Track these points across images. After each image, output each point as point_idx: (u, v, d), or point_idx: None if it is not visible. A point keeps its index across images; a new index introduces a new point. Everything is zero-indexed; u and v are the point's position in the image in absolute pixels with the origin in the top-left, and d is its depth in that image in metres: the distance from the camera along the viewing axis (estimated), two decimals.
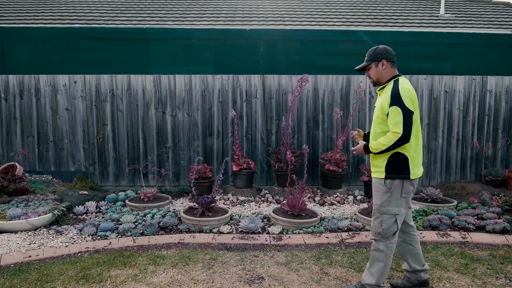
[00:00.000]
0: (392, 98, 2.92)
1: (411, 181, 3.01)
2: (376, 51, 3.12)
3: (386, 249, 3.03)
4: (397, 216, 3.00)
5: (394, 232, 3.02)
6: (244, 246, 4.23)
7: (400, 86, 2.96)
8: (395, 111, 2.89)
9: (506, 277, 3.57)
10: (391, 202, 2.99)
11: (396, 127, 2.88)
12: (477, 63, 6.65)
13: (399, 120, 2.87)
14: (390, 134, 2.91)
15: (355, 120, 6.55)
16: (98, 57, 6.40)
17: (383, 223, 3.00)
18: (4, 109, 6.42)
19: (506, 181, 6.34)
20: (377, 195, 3.05)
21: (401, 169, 2.97)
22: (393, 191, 2.98)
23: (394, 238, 3.05)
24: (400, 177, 2.97)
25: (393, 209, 3.00)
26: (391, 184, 2.98)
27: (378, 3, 8.86)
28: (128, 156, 6.49)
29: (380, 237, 3.04)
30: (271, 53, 6.50)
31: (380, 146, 2.95)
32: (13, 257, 3.89)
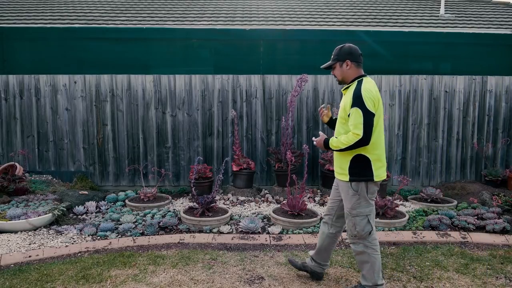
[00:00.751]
0: (354, 99, 2.91)
1: (375, 182, 3.04)
2: (341, 50, 3.14)
3: (366, 248, 3.05)
4: (368, 216, 3.04)
5: (369, 232, 3.03)
6: (244, 246, 4.23)
7: (363, 87, 2.94)
8: (356, 112, 2.88)
9: (506, 277, 3.57)
10: (360, 203, 3.01)
11: (357, 129, 2.87)
12: (477, 63, 6.65)
13: (359, 122, 2.87)
14: (351, 135, 2.91)
15: None
16: (98, 57, 6.40)
17: (356, 225, 3.03)
18: (4, 109, 6.42)
19: (506, 181, 6.34)
20: (347, 198, 3.06)
21: (364, 171, 2.98)
22: (360, 193, 3.00)
23: (372, 236, 3.05)
24: (364, 180, 2.99)
25: (364, 210, 3.02)
26: (357, 186, 2.99)
27: (378, 3, 8.86)
28: (128, 156, 6.49)
29: (357, 239, 3.07)
30: (271, 53, 6.50)
31: (339, 144, 2.97)
32: (13, 257, 3.89)
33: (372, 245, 3.05)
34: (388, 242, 4.36)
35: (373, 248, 3.06)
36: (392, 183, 6.56)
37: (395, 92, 6.58)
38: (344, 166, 3.03)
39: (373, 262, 3.04)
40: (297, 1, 8.99)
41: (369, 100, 2.90)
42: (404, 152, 6.66)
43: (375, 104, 2.93)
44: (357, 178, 2.98)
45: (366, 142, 2.89)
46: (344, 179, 3.04)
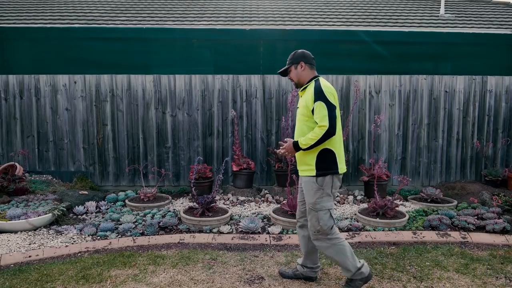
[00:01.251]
0: (316, 94, 3.05)
1: (338, 176, 3.15)
2: (295, 54, 3.27)
3: (331, 241, 3.12)
4: (330, 210, 3.12)
5: (331, 226, 3.12)
6: (244, 246, 4.23)
7: (322, 84, 3.10)
8: (320, 105, 3.01)
9: (506, 277, 3.57)
10: (323, 198, 3.10)
11: (323, 121, 2.98)
12: (477, 63, 6.65)
13: (324, 114, 2.99)
14: (317, 128, 3.01)
15: (355, 120, 6.56)
16: (98, 57, 6.40)
17: (320, 220, 3.10)
18: (4, 109, 6.42)
19: (506, 181, 6.34)
20: (310, 193, 3.13)
21: (331, 164, 3.09)
22: (325, 187, 3.09)
23: (334, 230, 3.14)
24: (330, 173, 3.09)
25: (326, 204, 3.11)
26: (323, 181, 3.08)
27: (378, 3, 8.86)
28: (128, 156, 6.49)
29: (320, 235, 3.13)
30: (271, 53, 6.51)
31: (309, 141, 3.03)
32: (13, 257, 3.89)
33: (335, 236, 3.14)
34: (388, 242, 4.36)
35: (337, 238, 3.15)
36: (392, 183, 6.57)
37: (395, 92, 6.58)
38: (310, 162, 3.11)
39: (343, 250, 3.13)
40: (297, 1, 8.99)
41: (330, 94, 3.06)
42: (404, 152, 6.66)
43: (335, 98, 3.10)
44: (324, 172, 3.08)
45: (333, 133, 3.01)
46: (310, 174, 3.12)
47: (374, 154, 6.52)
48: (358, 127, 6.58)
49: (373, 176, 5.73)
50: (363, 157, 6.61)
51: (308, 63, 3.23)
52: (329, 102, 3.01)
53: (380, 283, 3.43)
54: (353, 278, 3.16)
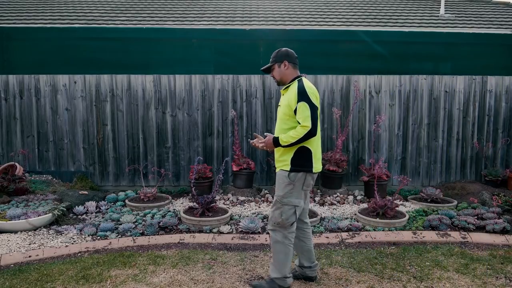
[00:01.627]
0: (299, 94, 3.08)
1: (312, 175, 3.19)
2: (278, 53, 3.31)
3: (284, 239, 3.16)
4: (296, 207, 3.15)
5: (292, 223, 3.16)
6: (244, 246, 4.23)
7: (305, 84, 3.14)
8: (303, 106, 3.05)
9: (506, 277, 3.57)
10: (292, 194, 3.13)
11: (306, 121, 3.03)
12: (477, 63, 6.65)
13: (307, 115, 3.04)
14: (300, 128, 3.05)
15: (355, 120, 6.56)
16: (98, 57, 6.40)
17: (283, 214, 3.14)
18: (4, 109, 6.42)
19: (506, 181, 6.34)
20: (280, 186, 3.17)
21: (306, 162, 3.14)
22: (296, 183, 3.12)
23: (292, 228, 3.18)
24: (303, 170, 3.13)
25: (294, 200, 3.14)
26: (295, 176, 3.12)
27: (378, 3, 8.86)
28: (128, 156, 6.49)
29: (279, 227, 3.17)
30: (271, 53, 6.41)
31: (290, 139, 3.07)
32: (13, 257, 3.89)
33: (290, 236, 3.18)
34: (388, 242, 4.36)
35: (290, 240, 3.19)
36: (392, 183, 6.57)
37: (395, 92, 6.58)
38: (286, 158, 3.16)
39: (287, 254, 3.16)
40: (297, 1, 8.99)
41: (313, 95, 3.11)
42: (404, 152, 6.66)
43: (317, 99, 3.16)
44: (298, 168, 3.12)
45: (314, 133, 3.07)
46: (285, 169, 3.15)
47: (374, 154, 6.51)
48: (358, 127, 6.58)
49: (373, 176, 5.73)
50: (363, 157, 6.61)
51: (291, 62, 3.26)
52: (312, 103, 3.07)
53: (380, 283, 3.43)
54: (275, 281, 3.20)
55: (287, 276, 3.20)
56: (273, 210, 3.21)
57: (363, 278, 3.52)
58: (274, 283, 3.21)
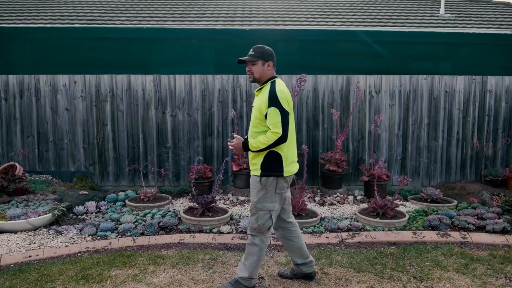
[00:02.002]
0: (270, 99, 3.03)
1: (284, 178, 3.14)
2: (265, 50, 3.21)
3: (260, 243, 3.15)
4: (271, 212, 3.12)
5: (268, 227, 3.14)
6: (244, 246, 4.22)
7: (277, 88, 3.08)
8: (274, 112, 3.00)
9: (506, 277, 3.57)
10: (266, 198, 3.10)
11: (276, 128, 2.99)
12: (477, 63, 6.65)
13: (278, 121, 2.99)
14: (270, 134, 3.01)
15: (355, 120, 6.56)
16: (98, 57, 6.40)
17: (259, 219, 3.11)
18: (4, 109, 6.42)
19: (506, 181, 6.34)
20: (254, 192, 3.15)
21: (275, 167, 3.10)
22: (268, 188, 3.09)
23: (269, 233, 3.18)
24: (274, 175, 3.09)
25: (268, 205, 3.11)
26: (266, 181, 3.09)
27: (378, 3, 8.86)
28: (128, 156, 6.49)
29: (256, 232, 3.15)
30: None
31: (259, 144, 3.04)
32: (13, 257, 3.89)
33: (266, 241, 3.19)
34: (388, 242, 4.36)
35: (266, 245, 3.20)
36: (392, 183, 6.57)
37: (395, 92, 6.58)
38: (257, 162, 3.13)
39: (259, 257, 3.17)
40: (297, 1, 8.99)
41: (284, 100, 3.05)
42: (404, 152, 6.66)
43: (289, 104, 3.10)
44: (268, 173, 3.09)
45: (284, 140, 3.03)
46: (256, 174, 3.13)
47: (374, 154, 6.51)
48: (358, 127, 6.58)
49: (373, 176, 5.73)
50: (363, 157, 6.61)
51: (274, 65, 3.23)
52: (283, 108, 3.01)
53: (380, 283, 3.43)
54: (240, 281, 3.19)
55: (253, 277, 3.20)
56: (250, 216, 3.19)
57: (363, 278, 3.52)
58: (239, 283, 3.19)
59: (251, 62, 3.18)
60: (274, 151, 3.08)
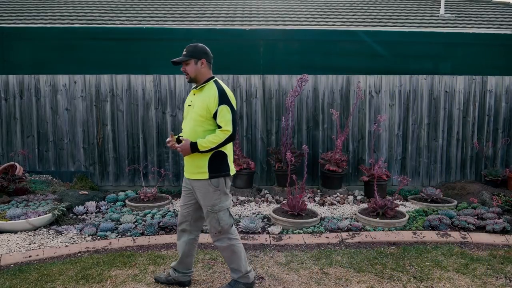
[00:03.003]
0: (220, 97, 2.99)
1: (230, 177, 3.16)
2: (197, 48, 3.12)
3: (230, 241, 3.13)
4: (229, 209, 3.14)
5: (231, 225, 3.13)
6: (244, 246, 4.20)
7: (223, 87, 3.07)
8: (225, 109, 2.97)
9: (506, 277, 3.57)
10: (221, 198, 3.08)
11: (227, 126, 2.97)
12: (477, 63, 6.65)
13: (229, 119, 2.97)
14: (220, 132, 2.97)
15: (355, 120, 6.56)
16: (98, 57, 6.40)
17: (220, 221, 3.07)
18: (4, 109, 6.42)
19: (506, 181, 6.34)
20: (207, 196, 3.06)
21: (223, 166, 3.08)
22: (221, 188, 3.07)
23: (233, 229, 3.16)
24: (223, 175, 3.08)
25: (224, 204, 3.10)
26: (218, 182, 3.05)
27: (378, 3, 8.86)
28: (128, 156, 6.49)
29: (222, 235, 3.11)
30: (271, 53, 6.50)
31: (210, 144, 2.97)
32: (13, 257, 3.89)
33: (234, 236, 3.15)
34: (388, 242, 4.36)
35: (236, 238, 3.16)
36: (392, 183, 6.57)
37: (395, 92, 6.58)
38: (202, 164, 3.04)
39: (239, 252, 3.15)
40: (297, 1, 8.99)
41: (232, 98, 3.05)
42: (404, 152, 6.66)
43: (235, 103, 3.10)
44: (218, 174, 3.05)
45: (234, 138, 3.04)
46: (203, 177, 3.04)
47: (374, 154, 6.51)
48: (358, 127, 6.59)
49: (373, 176, 5.72)
50: (363, 157, 6.61)
51: (208, 62, 3.14)
52: (233, 106, 3.01)
53: (380, 283, 3.43)
54: (238, 280, 3.16)
55: (248, 271, 3.18)
56: (209, 221, 3.11)
57: (363, 278, 3.53)
58: (238, 283, 3.16)
59: (184, 62, 3.10)
60: (220, 151, 3.04)
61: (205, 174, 3.04)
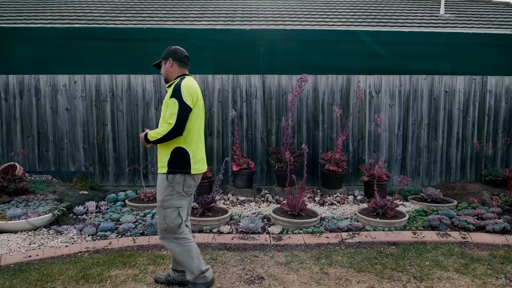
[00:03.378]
0: (173, 92, 3.01)
1: (192, 176, 3.10)
2: (167, 50, 3.26)
3: (178, 241, 3.08)
4: (179, 209, 3.08)
5: (179, 225, 3.08)
6: (244, 246, 4.23)
7: (183, 82, 3.06)
8: (173, 103, 2.98)
9: (506, 277, 3.57)
10: (173, 196, 3.05)
11: (170, 119, 2.96)
12: (477, 63, 6.65)
13: (174, 112, 2.96)
14: (165, 125, 2.99)
15: (355, 120, 6.56)
16: (98, 57, 6.40)
17: (167, 218, 3.06)
18: (4, 109, 6.42)
19: (506, 181, 6.34)
20: (160, 190, 3.08)
21: (183, 164, 3.05)
22: (175, 185, 3.04)
23: (181, 230, 3.09)
24: (181, 172, 3.04)
25: (175, 202, 3.06)
26: (173, 178, 3.04)
27: (378, 3, 8.86)
28: (128, 156, 6.49)
29: (167, 233, 3.08)
30: (271, 53, 6.50)
31: (155, 135, 3.01)
32: (13, 257, 3.89)
33: (182, 235, 3.10)
34: (388, 242, 4.36)
35: (185, 238, 3.11)
36: (392, 183, 6.57)
37: (395, 92, 6.58)
38: (164, 159, 3.07)
39: (190, 251, 3.08)
40: (297, 1, 8.99)
41: (188, 95, 3.01)
42: (404, 152, 6.66)
43: (193, 99, 3.05)
44: (175, 170, 3.04)
45: (179, 132, 2.97)
46: (163, 172, 3.07)
47: (374, 154, 6.52)
48: (358, 127, 6.59)
49: (373, 176, 5.73)
50: (363, 157, 6.61)
51: (177, 60, 3.19)
52: (183, 101, 2.97)
53: (380, 283, 3.44)
54: (196, 282, 3.09)
55: (203, 270, 3.09)
56: (157, 216, 3.12)
57: (363, 278, 3.53)
58: (196, 285, 3.10)
59: (159, 64, 3.27)
60: (181, 147, 3.04)
61: (164, 168, 3.07)
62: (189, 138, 3.06)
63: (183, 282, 3.29)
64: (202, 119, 3.19)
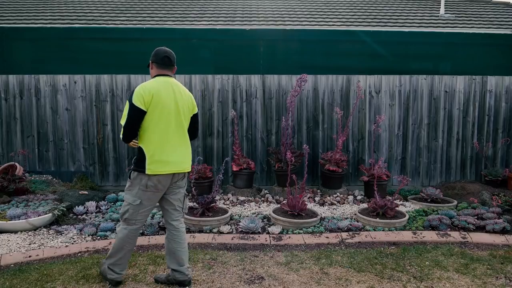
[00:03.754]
0: (130, 94, 3.14)
1: (149, 177, 3.12)
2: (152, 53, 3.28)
3: (121, 231, 3.21)
4: (130, 205, 3.18)
5: (124, 218, 3.20)
6: (244, 246, 4.23)
7: (143, 84, 3.12)
8: (126, 105, 3.11)
9: (506, 277, 3.57)
10: (130, 191, 3.19)
11: (122, 120, 3.10)
12: (477, 63, 6.65)
13: (125, 114, 3.09)
14: None
15: (355, 120, 6.56)
16: (98, 57, 6.40)
17: (122, 207, 3.24)
18: (4, 109, 6.42)
19: (506, 181, 6.34)
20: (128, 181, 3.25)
21: (140, 163, 3.15)
22: (133, 182, 3.17)
23: (130, 226, 3.21)
24: (138, 170, 3.15)
25: (129, 197, 3.19)
26: (132, 175, 3.18)
27: (378, 3, 8.86)
28: (128, 156, 6.49)
29: (121, 220, 3.25)
30: (271, 53, 6.50)
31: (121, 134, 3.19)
32: (13, 257, 3.89)
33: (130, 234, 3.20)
34: (388, 242, 4.36)
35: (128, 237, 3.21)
36: (392, 183, 6.57)
37: (395, 92, 6.58)
38: None
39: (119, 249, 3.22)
40: (297, 1, 8.99)
41: (139, 96, 3.05)
42: (404, 152, 6.66)
43: (145, 100, 3.05)
44: (134, 167, 3.18)
45: (127, 132, 3.09)
46: None
47: (374, 154, 6.52)
48: (358, 127, 6.59)
49: (373, 176, 5.73)
50: (363, 157, 6.61)
51: (155, 62, 3.22)
52: (131, 102, 3.04)
53: (380, 283, 3.44)
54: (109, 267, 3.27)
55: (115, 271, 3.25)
56: None
57: (363, 278, 3.53)
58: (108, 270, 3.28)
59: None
60: (140, 147, 3.14)
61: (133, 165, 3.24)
62: (145, 138, 3.11)
63: (183, 282, 3.30)
64: (172, 119, 3.16)
